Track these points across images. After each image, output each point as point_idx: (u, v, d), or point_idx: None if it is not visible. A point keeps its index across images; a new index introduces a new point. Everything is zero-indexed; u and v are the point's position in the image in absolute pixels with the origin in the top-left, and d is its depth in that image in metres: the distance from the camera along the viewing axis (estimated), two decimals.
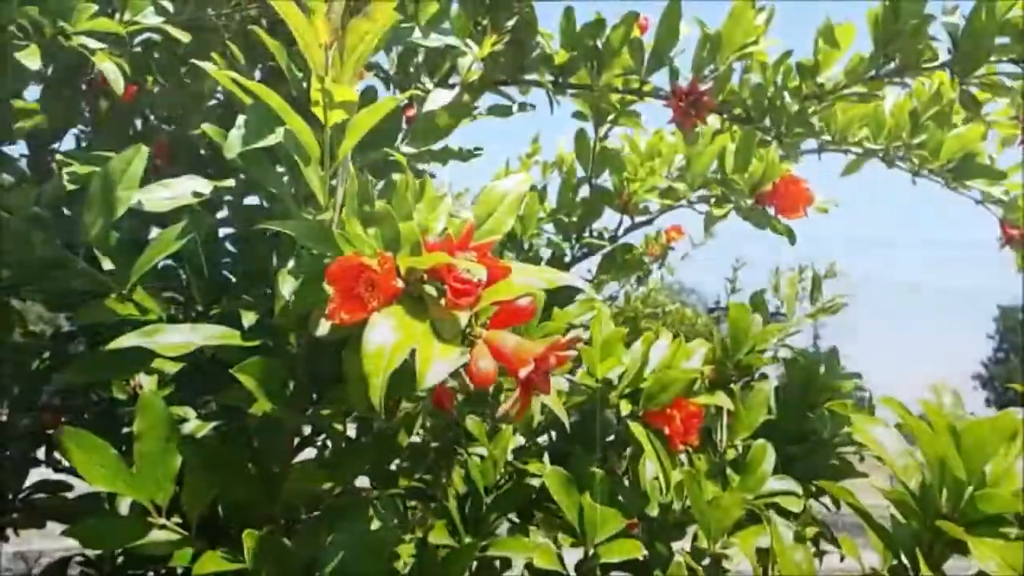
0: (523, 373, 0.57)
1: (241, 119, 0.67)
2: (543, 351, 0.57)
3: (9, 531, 1.36)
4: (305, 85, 0.81)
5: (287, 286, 0.65)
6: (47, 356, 1.24)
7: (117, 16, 0.93)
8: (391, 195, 0.68)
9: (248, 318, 0.77)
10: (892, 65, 1.30)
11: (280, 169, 0.78)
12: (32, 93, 1.09)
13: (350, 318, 0.59)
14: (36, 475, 1.33)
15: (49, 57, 1.06)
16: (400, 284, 0.60)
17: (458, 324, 0.59)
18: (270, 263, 0.85)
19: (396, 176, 0.75)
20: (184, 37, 0.91)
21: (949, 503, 0.69)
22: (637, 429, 0.96)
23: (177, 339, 0.73)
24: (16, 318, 1.30)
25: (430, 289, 0.62)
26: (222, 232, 1.10)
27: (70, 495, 1.29)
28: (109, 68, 0.84)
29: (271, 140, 0.67)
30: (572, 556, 1.08)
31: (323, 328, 0.62)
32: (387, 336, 0.56)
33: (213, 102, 1.17)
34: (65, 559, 1.49)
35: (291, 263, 0.66)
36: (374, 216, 0.63)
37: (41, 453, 1.34)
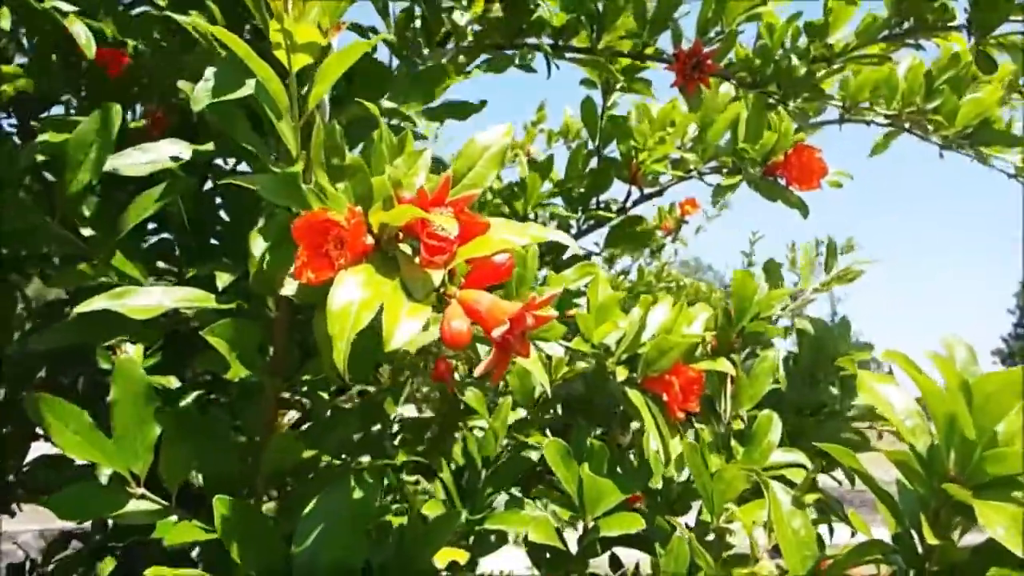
0: (497, 333, 0.54)
1: (208, 71, 0.64)
2: (519, 310, 0.54)
3: (33, 509, 1.35)
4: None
5: (258, 246, 0.62)
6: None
7: None
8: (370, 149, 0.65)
9: (223, 279, 0.74)
10: (907, 25, 1.25)
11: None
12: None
13: (317, 277, 0.56)
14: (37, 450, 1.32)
15: (33, 27, 1.04)
16: (370, 241, 0.57)
17: (430, 283, 0.55)
18: (248, 226, 0.82)
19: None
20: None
21: (957, 465, 0.64)
22: (635, 396, 0.93)
23: (147, 302, 0.71)
24: (20, 296, 1.29)
25: (405, 247, 0.59)
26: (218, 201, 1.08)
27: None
28: (79, 31, 0.81)
29: (241, 92, 0.64)
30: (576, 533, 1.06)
31: (290, 288, 0.59)
32: (354, 294, 0.53)
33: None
34: (68, 534, 1.49)
35: (262, 222, 0.63)
36: (344, 170, 0.60)
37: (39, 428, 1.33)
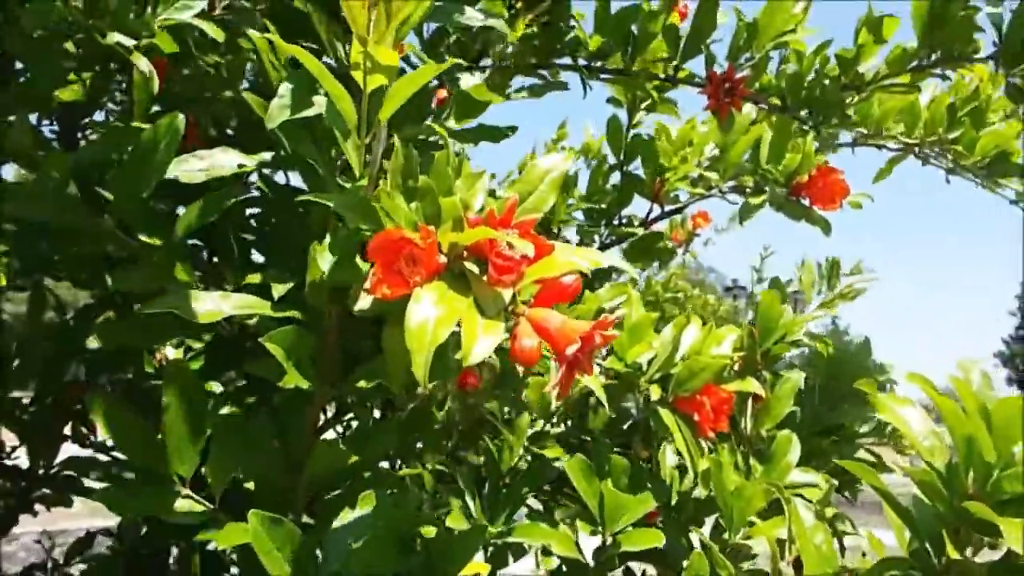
0: (569, 351, 0.56)
1: (283, 88, 0.66)
2: (589, 330, 0.56)
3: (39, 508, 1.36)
4: (344, 52, 0.80)
5: (325, 261, 0.64)
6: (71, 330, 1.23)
7: (150, 9, 0.92)
8: (429, 171, 0.67)
9: (279, 289, 0.76)
10: (935, 56, 1.28)
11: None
12: None
13: (392, 293, 0.58)
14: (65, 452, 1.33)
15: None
16: (442, 260, 0.59)
17: (501, 301, 0.58)
18: (300, 238, 0.84)
19: (433, 153, 0.73)
20: (219, 35, 0.90)
21: (976, 483, 0.67)
22: (666, 415, 0.95)
23: (208, 307, 0.72)
24: (51, 299, 1.30)
25: (471, 266, 0.61)
26: (248, 211, 1.09)
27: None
28: (144, 66, 0.83)
29: (314, 110, 0.66)
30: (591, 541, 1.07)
31: (364, 303, 0.61)
32: (431, 311, 0.55)
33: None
34: (91, 534, 1.50)
35: (328, 237, 0.65)
36: (416, 191, 0.62)
37: (67, 430, 1.34)
